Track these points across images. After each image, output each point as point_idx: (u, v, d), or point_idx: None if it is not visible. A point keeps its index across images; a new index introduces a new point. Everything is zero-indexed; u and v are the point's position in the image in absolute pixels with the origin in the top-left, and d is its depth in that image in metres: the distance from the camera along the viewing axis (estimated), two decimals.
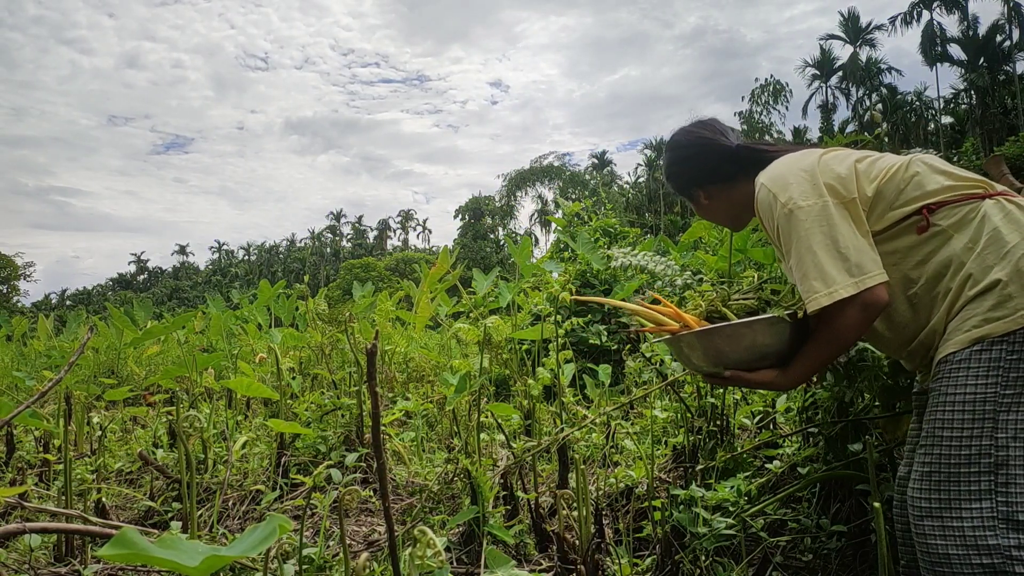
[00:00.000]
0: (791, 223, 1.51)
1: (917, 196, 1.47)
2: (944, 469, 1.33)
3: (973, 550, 1.28)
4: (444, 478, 2.57)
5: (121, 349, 6.14)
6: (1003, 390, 1.30)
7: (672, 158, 1.87)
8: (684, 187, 1.86)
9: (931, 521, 1.33)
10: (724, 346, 1.57)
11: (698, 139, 1.82)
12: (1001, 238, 1.37)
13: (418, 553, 1.52)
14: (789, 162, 1.61)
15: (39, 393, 2.20)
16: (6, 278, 46.81)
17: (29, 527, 1.78)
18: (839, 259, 1.44)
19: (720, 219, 1.88)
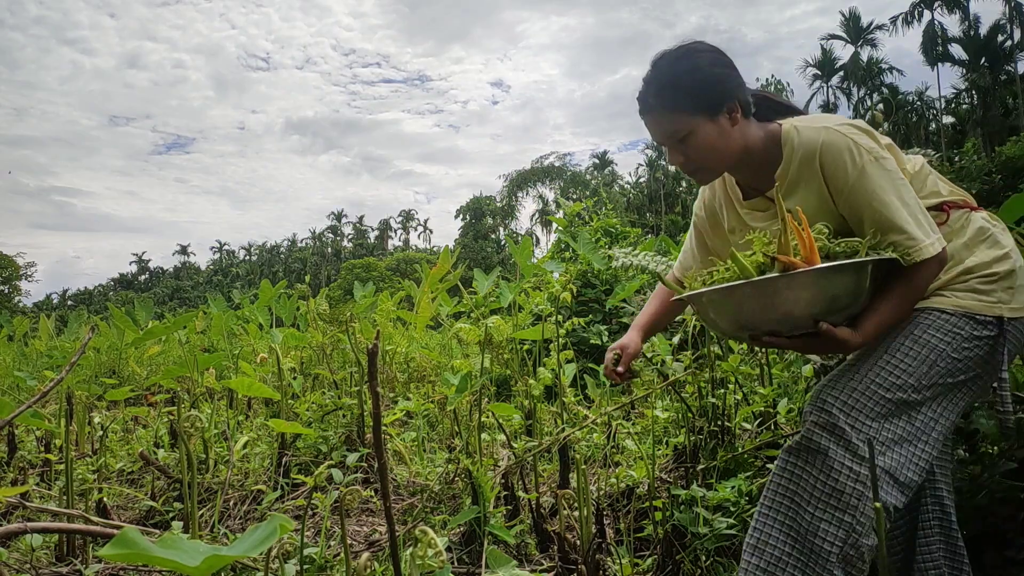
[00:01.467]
0: (881, 170, 1.40)
1: (936, 192, 1.57)
2: (866, 382, 1.41)
3: (850, 454, 1.36)
4: (445, 478, 2.57)
5: (122, 349, 6.14)
6: (952, 352, 1.42)
7: (711, 59, 1.53)
8: (718, 96, 1.51)
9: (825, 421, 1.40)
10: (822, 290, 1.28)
11: (725, 56, 1.58)
12: (998, 241, 1.52)
13: (419, 553, 1.52)
14: (833, 117, 1.53)
15: (40, 393, 2.21)
16: (7, 278, 46.83)
17: (30, 527, 1.78)
18: (923, 215, 1.42)
19: (725, 152, 1.55)
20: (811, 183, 1.48)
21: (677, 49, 1.57)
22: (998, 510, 1.67)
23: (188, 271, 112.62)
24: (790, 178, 1.51)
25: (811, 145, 1.46)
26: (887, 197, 1.39)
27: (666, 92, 1.53)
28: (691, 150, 1.54)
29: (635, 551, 2.11)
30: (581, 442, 2.88)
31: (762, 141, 1.56)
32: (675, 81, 1.52)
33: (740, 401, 2.62)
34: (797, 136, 1.50)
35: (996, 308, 1.44)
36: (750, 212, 1.67)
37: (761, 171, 1.58)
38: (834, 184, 1.44)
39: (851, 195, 1.42)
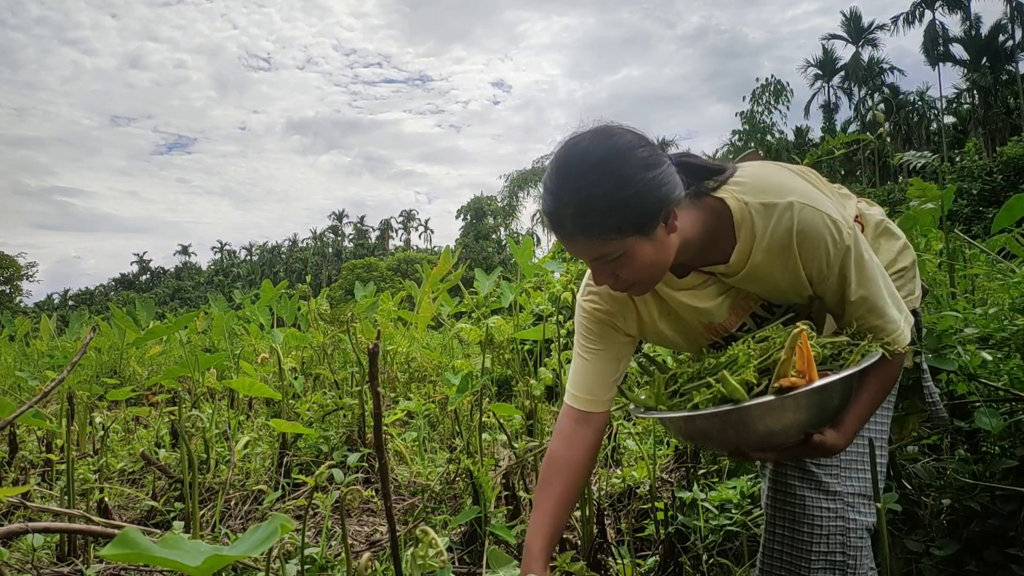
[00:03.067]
0: (859, 249, 1.26)
1: (844, 205, 1.42)
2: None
3: (823, 495, 1.35)
4: (446, 478, 2.57)
5: (123, 349, 6.14)
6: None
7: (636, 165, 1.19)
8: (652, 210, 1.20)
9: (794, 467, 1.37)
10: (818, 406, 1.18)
11: (639, 136, 1.26)
12: (893, 231, 1.47)
13: (420, 553, 1.52)
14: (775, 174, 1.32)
15: (42, 393, 2.21)
16: (9, 278, 46.87)
17: (32, 527, 1.78)
18: (894, 288, 1.33)
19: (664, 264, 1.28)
20: (785, 263, 1.28)
21: (588, 150, 1.21)
22: (999, 508, 1.67)
23: (189, 271, 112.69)
24: (752, 264, 1.29)
25: (782, 228, 1.24)
26: (867, 278, 1.27)
27: (587, 219, 1.20)
28: (623, 271, 1.27)
29: (636, 551, 2.11)
30: None
31: (702, 223, 1.30)
32: (597, 204, 1.19)
33: None
34: (757, 215, 1.26)
35: (910, 303, 1.44)
36: (686, 291, 1.41)
37: (703, 253, 1.34)
38: (812, 267, 1.27)
39: (826, 279, 1.28)
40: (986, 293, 2.57)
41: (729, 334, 1.46)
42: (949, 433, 1.93)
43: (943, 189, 2.29)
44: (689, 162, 1.30)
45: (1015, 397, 1.76)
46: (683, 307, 1.43)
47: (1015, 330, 1.81)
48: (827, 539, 1.35)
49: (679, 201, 1.24)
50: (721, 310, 1.41)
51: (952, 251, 2.42)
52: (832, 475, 1.36)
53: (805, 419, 1.17)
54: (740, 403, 1.13)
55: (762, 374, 1.18)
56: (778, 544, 1.41)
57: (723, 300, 1.40)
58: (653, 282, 1.32)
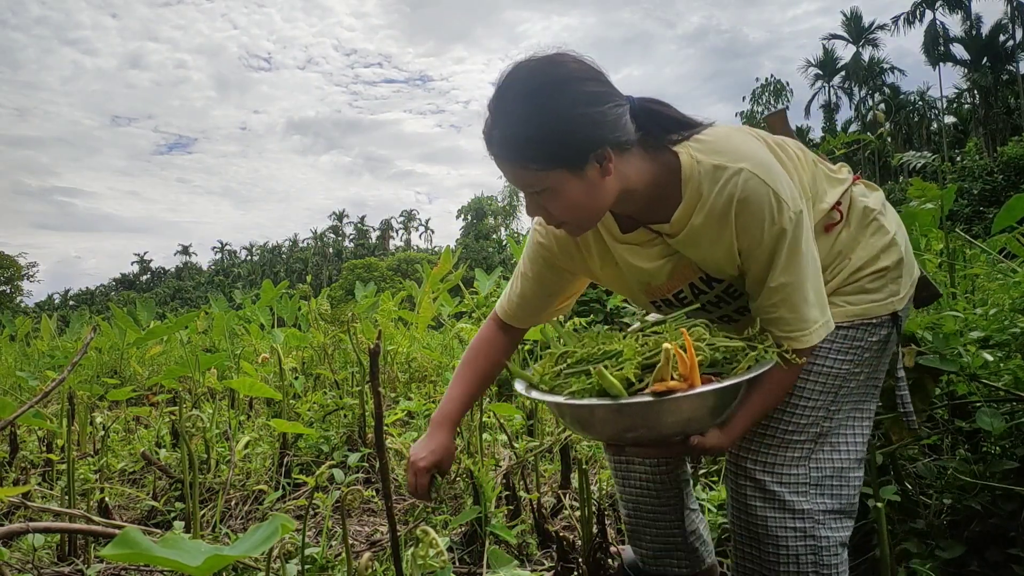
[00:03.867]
0: (796, 235, 1.20)
1: (825, 191, 1.37)
2: (779, 435, 1.35)
3: (788, 514, 1.32)
4: (446, 478, 2.57)
5: (124, 349, 6.14)
6: (854, 368, 1.35)
7: (573, 97, 1.15)
8: (582, 146, 1.16)
9: (753, 488, 1.35)
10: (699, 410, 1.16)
11: (596, 70, 1.21)
12: (883, 225, 1.38)
13: (421, 553, 1.52)
14: (740, 140, 1.25)
15: (42, 393, 2.21)
16: (9, 278, 46.88)
17: (32, 527, 1.78)
18: (822, 285, 1.28)
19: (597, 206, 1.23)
20: (722, 232, 1.23)
21: (529, 76, 1.18)
22: (1000, 507, 1.67)
23: (190, 271, 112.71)
24: (693, 226, 1.25)
25: (725, 193, 1.19)
26: (795, 269, 1.21)
27: (512, 143, 1.18)
28: (551, 206, 1.23)
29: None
30: (582, 442, 2.88)
31: (651, 175, 1.25)
32: (524, 131, 1.16)
33: None
34: (705, 175, 1.21)
35: (889, 305, 1.36)
36: (629, 247, 1.37)
37: (649, 207, 1.29)
38: (744, 241, 1.22)
39: (756, 258, 1.23)
40: (986, 293, 2.57)
41: (667, 299, 1.42)
42: (950, 433, 1.94)
43: (943, 189, 2.29)
44: (655, 110, 1.25)
45: (1016, 397, 1.76)
46: (624, 262, 1.39)
47: (1016, 331, 1.81)
48: (796, 560, 1.32)
49: (620, 144, 1.19)
50: (661, 273, 1.37)
51: (952, 251, 2.42)
52: (799, 493, 1.33)
53: (684, 420, 1.15)
54: (617, 399, 1.12)
55: (646, 369, 1.16)
56: (750, 563, 1.39)
57: (664, 263, 1.35)
58: (584, 224, 1.28)
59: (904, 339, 1.74)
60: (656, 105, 1.26)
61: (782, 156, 1.31)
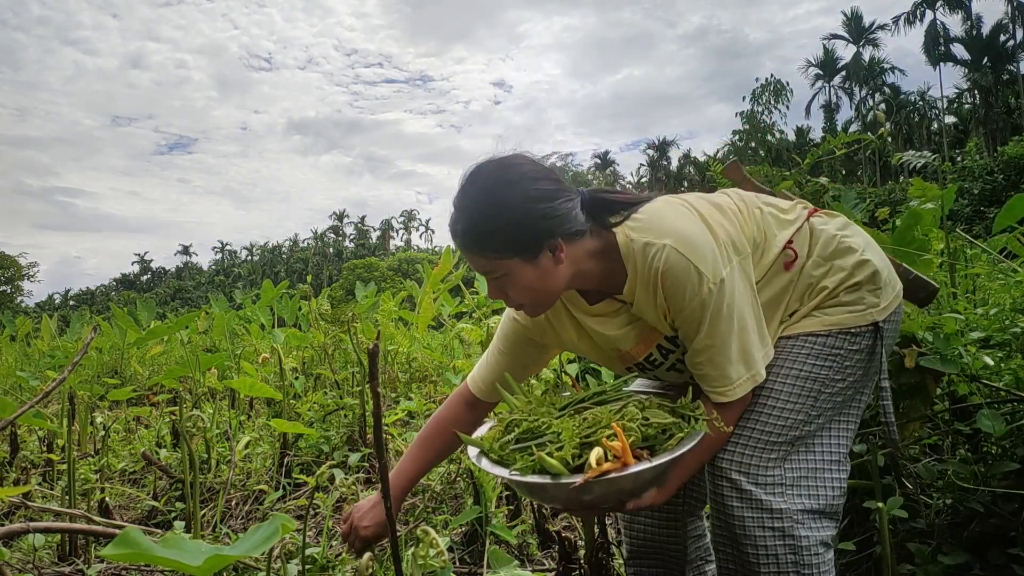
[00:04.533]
0: (716, 298, 1.31)
1: (774, 235, 1.45)
2: (756, 436, 1.39)
3: (765, 514, 1.35)
4: (447, 478, 2.57)
5: (124, 349, 6.14)
6: (834, 375, 1.40)
7: (526, 194, 1.31)
8: (535, 238, 1.31)
9: (730, 488, 1.38)
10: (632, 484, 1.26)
11: (548, 170, 1.37)
12: (850, 247, 1.44)
13: (421, 553, 1.52)
14: (670, 215, 1.38)
15: (43, 393, 2.21)
16: (10, 278, 46.85)
17: (33, 527, 1.78)
18: (754, 339, 1.36)
19: (551, 290, 1.37)
20: (654, 299, 1.37)
21: (487, 175, 1.35)
22: (1001, 508, 1.67)
23: (190, 271, 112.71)
24: (638, 296, 1.39)
25: (652, 266, 1.32)
26: (717, 332, 1.32)
27: (472, 235, 1.33)
28: (509, 289, 1.37)
29: None
30: None
31: (601, 254, 1.38)
32: (480, 225, 1.32)
33: None
34: (638, 252, 1.34)
35: (868, 315, 1.40)
36: (598, 318, 1.49)
37: (605, 282, 1.42)
38: (672, 307, 1.35)
39: (684, 321, 1.36)
40: (987, 293, 2.57)
41: (640, 363, 1.52)
42: (951, 434, 1.94)
43: (944, 189, 2.29)
44: (602, 198, 1.40)
45: (1017, 398, 1.76)
46: (595, 332, 1.50)
47: (1017, 331, 1.81)
48: (775, 560, 1.34)
49: (571, 234, 1.34)
50: (628, 339, 1.48)
51: (953, 251, 2.42)
52: (775, 493, 1.36)
53: (621, 493, 1.27)
54: (557, 478, 1.21)
55: (586, 447, 1.25)
56: (732, 564, 1.41)
57: (630, 329, 1.47)
58: (540, 306, 1.41)
59: (904, 340, 1.74)
60: (604, 194, 1.41)
61: (716, 218, 1.40)
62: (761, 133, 41.11)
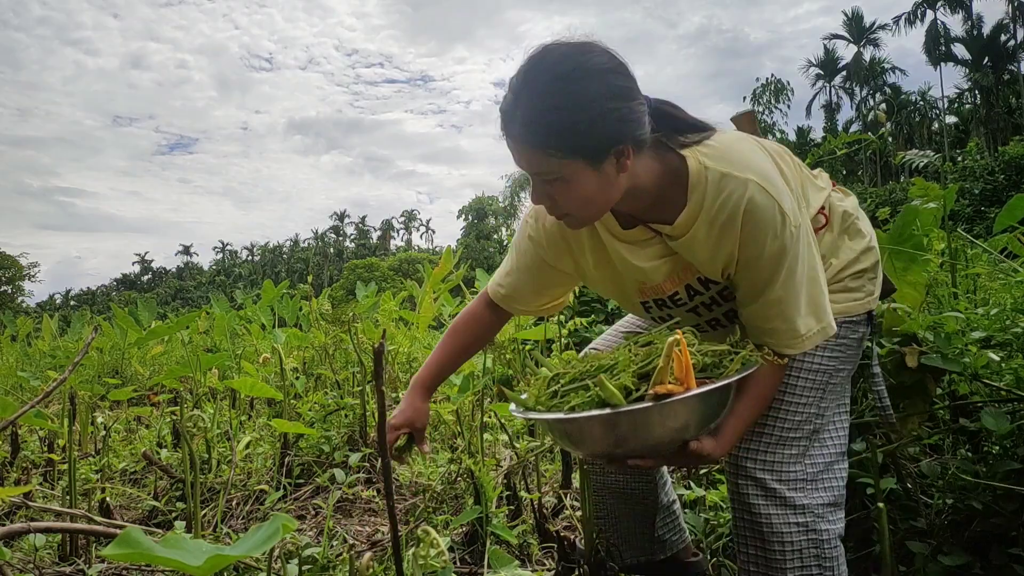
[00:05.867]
0: (796, 251, 1.23)
1: (811, 196, 1.40)
2: (777, 433, 1.38)
3: (790, 510, 1.34)
4: (448, 478, 2.57)
5: (125, 349, 6.15)
6: (840, 364, 1.40)
7: (602, 89, 1.14)
8: (605, 141, 1.15)
9: (754, 487, 1.36)
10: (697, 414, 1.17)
11: (622, 64, 1.19)
12: (860, 229, 1.43)
13: (422, 553, 1.52)
14: (747, 150, 1.26)
15: (44, 393, 2.21)
16: (11, 278, 46.87)
17: (34, 526, 1.79)
18: (822, 292, 1.30)
19: (605, 202, 1.23)
20: (723, 237, 1.24)
21: (560, 60, 1.16)
22: (1002, 507, 1.66)
23: (191, 271, 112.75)
24: (696, 232, 1.26)
25: (731, 202, 1.20)
26: (792, 283, 1.24)
27: (534, 127, 1.16)
28: (561, 196, 1.22)
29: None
30: None
31: (657, 177, 1.25)
32: (550, 116, 1.14)
33: None
34: (712, 182, 1.22)
35: (866, 304, 1.42)
36: (627, 244, 1.37)
37: (653, 207, 1.30)
38: (746, 252, 1.23)
39: (756, 269, 1.25)
40: (988, 293, 2.57)
41: (662, 299, 1.43)
42: (951, 433, 1.93)
43: (945, 189, 2.29)
44: (668, 111, 1.26)
45: (1018, 397, 1.76)
46: (621, 260, 1.39)
47: (1018, 331, 1.81)
48: (800, 555, 1.34)
49: (639, 142, 1.19)
50: (658, 273, 1.37)
51: (954, 251, 2.42)
52: (796, 489, 1.36)
53: (682, 426, 1.16)
54: (617, 408, 1.11)
55: (642, 379, 1.16)
56: (753, 566, 1.39)
57: (662, 263, 1.36)
58: (588, 219, 1.27)
59: (906, 339, 1.75)
60: (669, 107, 1.27)
61: (781, 166, 1.31)
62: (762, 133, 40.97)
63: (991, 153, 34.34)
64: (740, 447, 1.40)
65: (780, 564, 1.35)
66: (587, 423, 1.15)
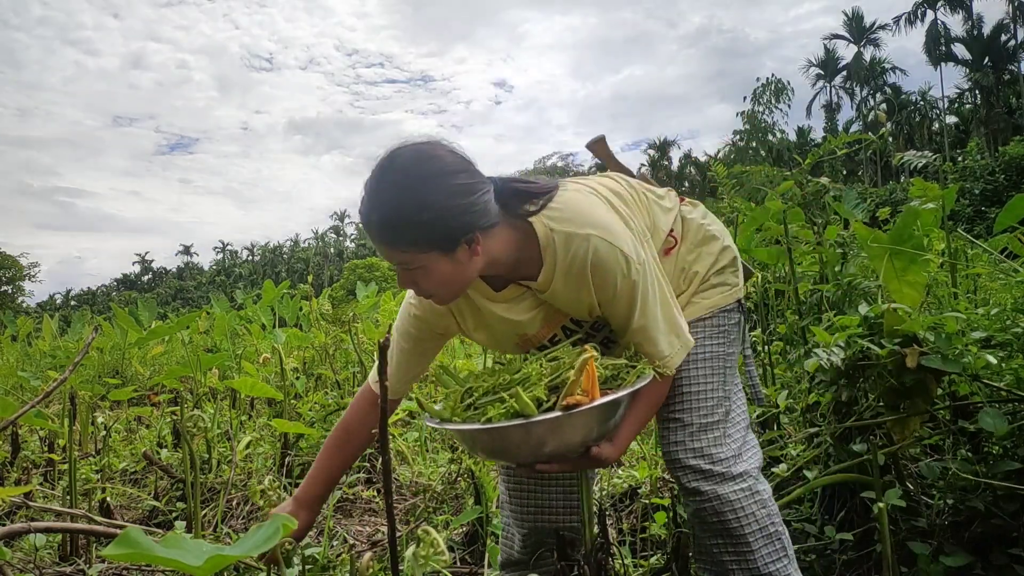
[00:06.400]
0: (643, 279, 1.39)
1: (659, 220, 1.57)
2: (697, 422, 1.52)
3: (731, 482, 1.48)
4: (448, 478, 2.57)
5: (125, 349, 6.15)
6: (727, 348, 1.58)
7: (445, 188, 1.28)
8: (454, 233, 1.29)
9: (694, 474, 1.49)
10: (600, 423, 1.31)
11: (465, 160, 1.35)
12: (714, 235, 1.62)
13: (422, 553, 1.52)
14: (585, 205, 1.42)
15: (44, 393, 2.21)
16: (11, 278, 46.85)
17: (34, 526, 1.79)
18: (676, 311, 1.48)
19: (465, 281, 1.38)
20: (580, 287, 1.41)
21: (404, 167, 1.30)
22: (1003, 508, 1.66)
23: (191, 271, 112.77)
24: (556, 285, 1.42)
25: (578, 257, 1.36)
26: (648, 310, 1.41)
27: (389, 230, 1.30)
28: (422, 281, 1.36)
29: (638, 552, 2.11)
30: None
31: (514, 244, 1.40)
32: (398, 220, 1.28)
33: None
34: (559, 242, 1.37)
35: (734, 294, 1.60)
36: (504, 304, 1.51)
37: (515, 269, 1.44)
38: (602, 295, 1.41)
39: (615, 305, 1.41)
40: (988, 293, 2.57)
41: (543, 345, 1.56)
42: (952, 434, 1.93)
43: (945, 189, 2.29)
44: (514, 188, 1.40)
45: (1018, 398, 1.75)
46: (497, 319, 1.52)
47: (1018, 331, 1.81)
48: (755, 518, 1.48)
49: (487, 227, 1.33)
50: (534, 323, 1.52)
51: (954, 251, 2.42)
52: (730, 465, 1.49)
53: (588, 432, 1.29)
54: (531, 418, 1.22)
55: (552, 391, 1.27)
56: (722, 549, 1.50)
57: (536, 313, 1.51)
58: (452, 296, 1.42)
59: (906, 339, 1.75)
60: (516, 183, 1.41)
61: (620, 207, 1.47)
62: (762, 133, 41.09)
63: (991, 153, 34.34)
64: (669, 445, 1.53)
65: (742, 532, 1.47)
66: (506, 432, 1.25)
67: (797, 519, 2.01)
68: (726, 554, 1.50)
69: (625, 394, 1.30)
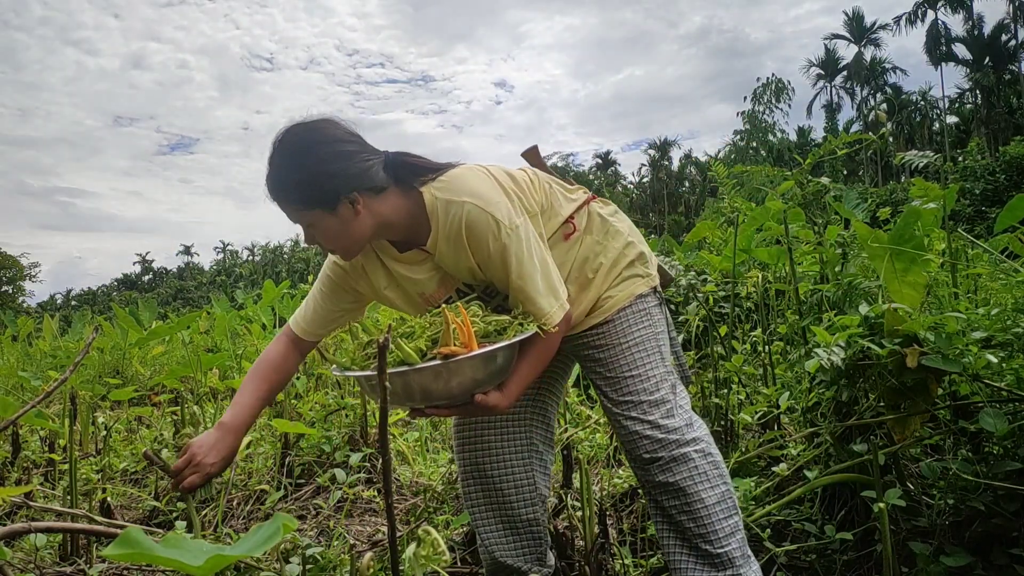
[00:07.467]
0: (518, 243, 1.52)
1: (560, 206, 1.71)
2: (645, 398, 1.66)
3: (686, 445, 1.63)
4: (448, 478, 2.57)
5: (126, 349, 6.15)
6: (655, 329, 1.73)
7: (324, 153, 1.51)
8: (332, 192, 1.50)
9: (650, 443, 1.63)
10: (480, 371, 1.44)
11: (353, 134, 1.57)
12: (619, 231, 1.77)
13: (422, 552, 1.52)
14: (470, 177, 1.58)
15: (44, 393, 2.21)
16: (12, 278, 46.86)
17: (35, 526, 1.79)
18: (555, 276, 1.59)
19: (355, 237, 1.57)
20: (460, 252, 1.57)
21: (293, 137, 1.54)
22: (1003, 508, 1.66)
23: (192, 271, 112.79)
24: (440, 248, 1.59)
25: (455, 222, 1.52)
26: (523, 271, 1.52)
27: (278, 189, 1.56)
28: (319, 236, 1.58)
29: (639, 552, 2.11)
30: (584, 442, 2.88)
31: (407, 209, 1.58)
32: (285, 180, 1.54)
33: (744, 401, 2.61)
34: (440, 209, 1.54)
35: (648, 282, 1.76)
36: (407, 264, 1.68)
37: (411, 234, 1.62)
38: (479, 257, 1.55)
39: (493, 267, 1.55)
40: (989, 293, 2.57)
41: (440, 304, 1.66)
42: (952, 433, 1.93)
43: (945, 189, 2.29)
44: (406, 161, 1.60)
45: (1019, 398, 1.75)
46: (402, 277, 1.70)
47: (1019, 331, 1.81)
48: (707, 477, 1.62)
49: (372, 189, 1.53)
50: (431, 283, 1.67)
51: (955, 251, 2.42)
52: (683, 432, 1.64)
53: (469, 381, 1.43)
54: (412, 366, 1.38)
55: (434, 344, 1.42)
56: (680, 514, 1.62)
57: (433, 275, 1.66)
58: (347, 250, 1.60)
59: (906, 339, 1.75)
60: (408, 157, 1.60)
61: (508, 185, 1.62)
62: (762, 133, 41.11)
63: (992, 153, 34.34)
64: (624, 422, 1.66)
65: (695, 490, 1.61)
66: (391, 379, 1.38)
67: (797, 519, 2.01)
68: (682, 515, 1.62)
69: (501, 346, 1.43)
